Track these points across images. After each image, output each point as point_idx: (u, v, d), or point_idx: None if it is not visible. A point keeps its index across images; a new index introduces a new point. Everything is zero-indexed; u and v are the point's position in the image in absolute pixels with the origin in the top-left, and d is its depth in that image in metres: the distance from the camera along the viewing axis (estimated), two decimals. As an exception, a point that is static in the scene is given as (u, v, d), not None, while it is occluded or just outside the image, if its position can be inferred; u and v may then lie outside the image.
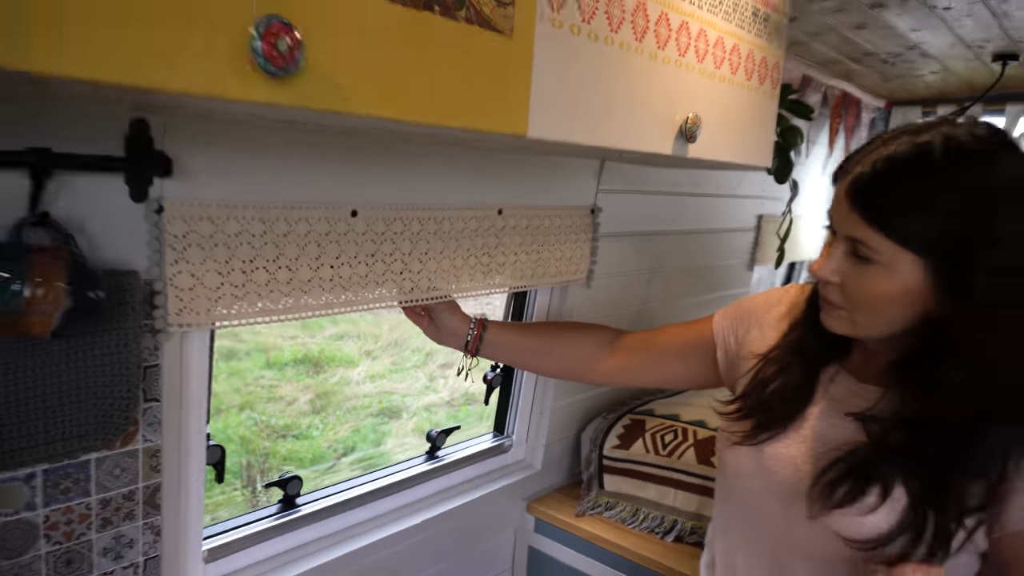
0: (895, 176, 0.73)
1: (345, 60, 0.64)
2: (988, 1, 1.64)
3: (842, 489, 0.80)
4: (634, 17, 0.99)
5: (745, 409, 0.96)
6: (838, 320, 0.85)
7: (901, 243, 0.74)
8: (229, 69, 0.57)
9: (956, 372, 0.75)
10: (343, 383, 6.11)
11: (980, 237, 0.71)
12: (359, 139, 1.15)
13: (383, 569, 1.52)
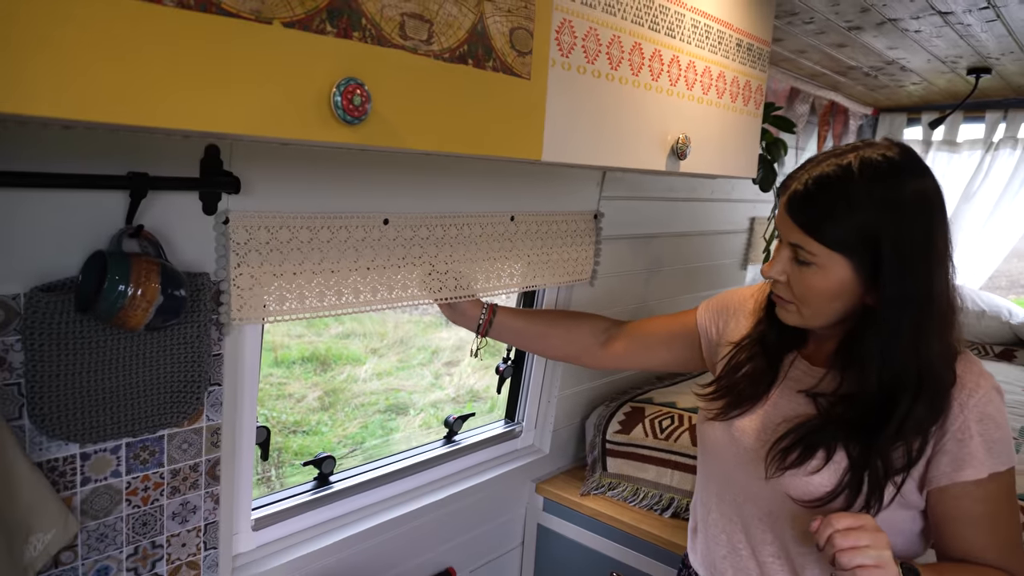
0: (822, 192, 0.89)
1: (400, 107, 0.81)
2: (953, 24, 1.80)
3: (793, 454, 0.95)
4: (631, 56, 1.15)
5: (720, 391, 1.10)
6: (789, 313, 0.99)
7: (831, 247, 0.89)
8: (315, 119, 0.73)
9: (873, 348, 0.91)
10: (350, 380, 6.26)
11: (888, 237, 0.87)
12: (391, 157, 1.32)
13: (406, 540, 1.69)
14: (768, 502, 1.02)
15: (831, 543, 0.83)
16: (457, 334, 7.80)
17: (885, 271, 0.88)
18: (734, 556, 1.09)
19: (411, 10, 0.81)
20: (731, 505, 1.09)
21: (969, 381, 0.93)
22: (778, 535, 1.03)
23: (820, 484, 0.94)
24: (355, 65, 0.76)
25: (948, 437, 0.92)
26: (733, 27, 1.41)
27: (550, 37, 1.00)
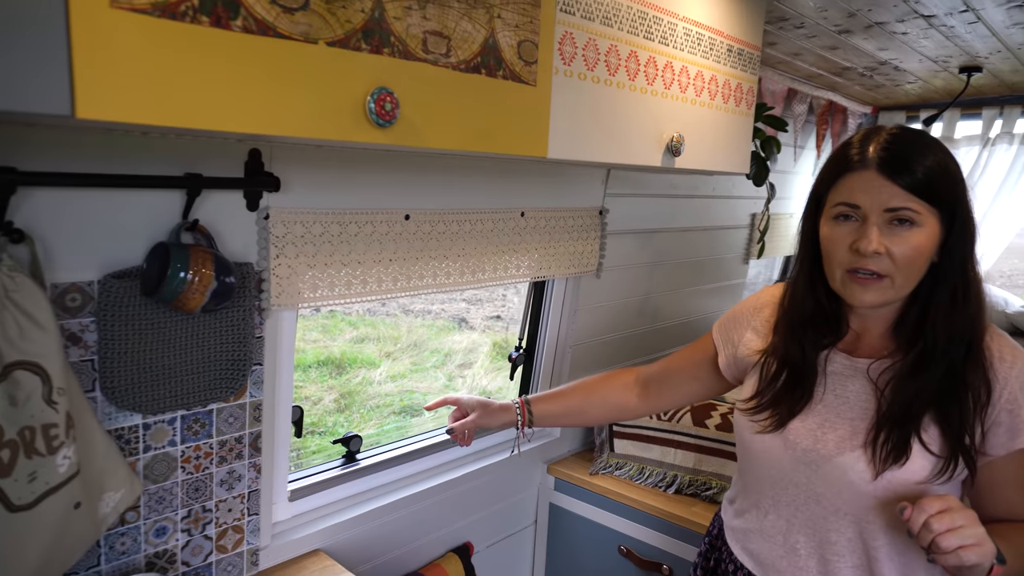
0: (921, 154, 0.93)
1: (424, 112, 0.94)
2: (938, 27, 1.91)
3: (887, 450, 0.97)
4: (627, 63, 1.28)
5: (764, 404, 1.10)
6: (878, 291, 0.97)
7: (932, 203, 0.93)
8: (352, 123, 0.87)
9: (938, 317, 0.96)
10: (365, 383, 6.40)
11: (962, 199, 0.95)
12: (412, 158, 1.45)
13: (427, 515, 1.81)
14: (837, 499, 1.03)
15: (928, 528, 0.84)
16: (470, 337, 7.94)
17: (957, 228, 0.95)
18: (792, 556, 1.08)
19: (432, 28, 0.94)
20: (789, 507, 1.09)
21: (1008, 353, 0.98)
22: (853, 526, 1.03)
23: (916, 472, 0.96)
24: (386, 76, 0.89)
25: (1000, 409, 0.97)
26: (724, 34, 1.54)
27: (553, 48, 1.14)
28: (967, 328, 0.96)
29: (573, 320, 2.08)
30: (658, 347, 2.53)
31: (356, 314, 7.65)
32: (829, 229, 1.00)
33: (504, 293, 9.12)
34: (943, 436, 0.97)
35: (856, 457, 0.99)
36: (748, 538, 1.16)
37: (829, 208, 1.00)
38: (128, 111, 0.69)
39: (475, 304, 8.89)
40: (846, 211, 0.97)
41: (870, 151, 0.95)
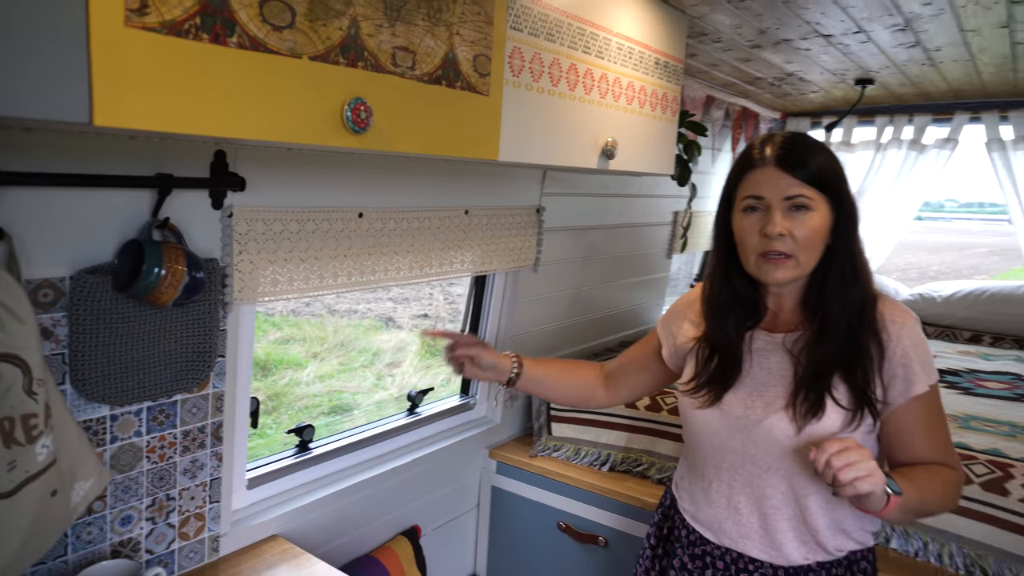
0: (807, 151, 1.10)
1: (393, 119, 1.04)
2: (835, 44, 2.14)
3: (807, 407, 1.11)
4: (568, 75, 1.41)
5: (701, 384, 1.24)
6: (786, 269, 1.11)
7: (821, 189, 1.09)
8: (331, 129, 0.96)
9: (835, 289, 1.12)
10: (293, 384, 6.33)
11: (843, 185, 1.12)
12: (365, 159, 1.54)
13: (376, 500, 1.90)
14: (768, 457, 1.17)
15: (829, 466, 0.98)
16: (398, 336, 7.96)
17: (843, 213, 1.11)
18: (736, 516, 1.21)
19: (400, 44, 1.04)
20: (729, 471, 1.22)
21: (897, 316, 1.14)
22: (784, 480, 1.16)
23: (831, 425, 1.11)
24: (361, 87, 0.98)
25: (895, 364, 1.11)
26: (651, 48, 1.69)
27: (504, 61, 1.25)
28: (856, 298, 1.13)
29: (512, 312, 2.20)
30: (589, 337, 2.69)
31: (280, 314, 7.53)
32: (740, 221, 1.14)
33: (430, 291, 9.17)
34: (850, 391, 1.12)
35: (780, 417, 1.14)
36: (698, 509, 1.29)
37: (738, 203, 1.15)
38: (138, 119, 0.76)
39: (402, 303, 8.90)
40: (753, 203, 1.12)
41: (768, 152, 1.11)
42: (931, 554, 1.61)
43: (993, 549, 1.55)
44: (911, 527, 1.63)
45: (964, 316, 3.23)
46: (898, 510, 1.03)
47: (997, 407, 2.10)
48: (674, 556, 1.32)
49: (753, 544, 1.20)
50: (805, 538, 1.18)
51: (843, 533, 1.19)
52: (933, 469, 1.14)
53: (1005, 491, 1.56)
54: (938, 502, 1.14)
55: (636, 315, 3.02)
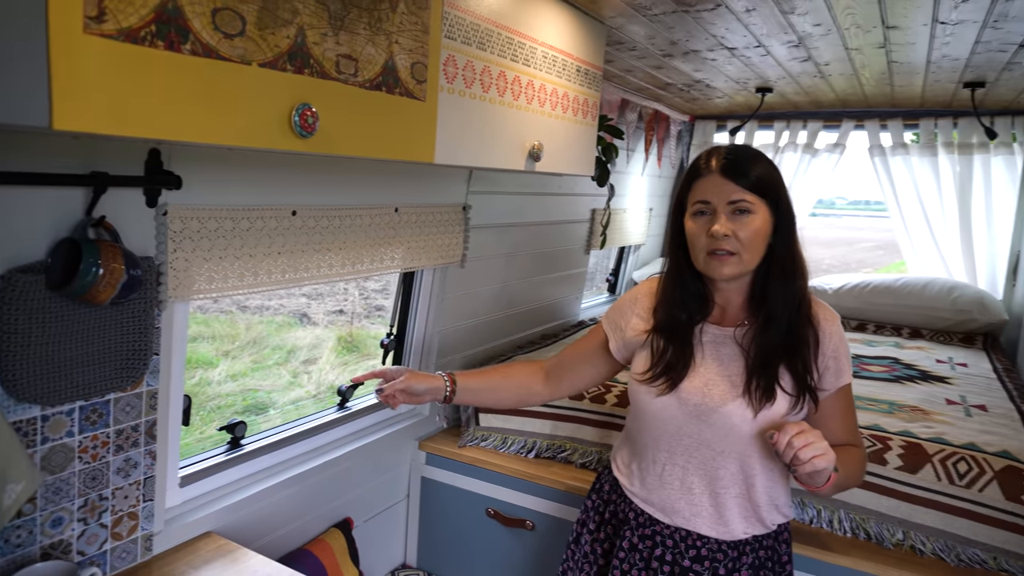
0: (748, 160, 1.22)
1: (338, 124, 1.09)
2: (738, 56, 2.31)
3: (759, 394, 1.23)
4: (498, 81, 1.49)
5: (658, 373, 1.31)
6: (731, 265, 1.21)
7: (760, 195, 1.20)
8: (279, 133, 1.00)
9: (777, 285, 1.23)
10: (203, 384, 6.12)
11: (781, 191, 1.24)
12: (299, 158, 1.56)
13: (309, 494, 1.92)
14: (724, 442, 1.27)
15: (790, 445, 1.10)
16: (313, 332, 7.82)
17: (782, 215, 1.23)
18: (689, 496, 1.31)
19: (343, 52, 1.09)
20: (683, 455, 1.31)
21: (828, 315, 1.28)
22: (736, 462, 1.27)
23: (780, 409, 1.24)
24: (307, 93, 1.03)
25: (829, 357, 1.26)
26: (573, 56, 1.79)
27: (439, 68, 1.32)
28: (795, 294, 1.26)
29: (441, 307, 2.27)
30: (513, 330, 2.79)
31: (187, 311, 7.24)
32: (691, 224, 1.26)
33: (345, 287, 9.03)
34: (793, 380, 1.25)
35: (738, 404, 1.24)
36: (649, 492, 1.36)
37: (689, 208, 1.26)
38: (96, 123, 0.78)
39: (316, 299, 8.73)
40: (701, 207, 1.24)
41: (713, 162, 1.24)
42: (823, 520, 1.80)
43: (874, 513, 1.75)
44: (806, 497, 1.81)
45: (851, 306, 3.53)
46: (832, 486, 1.17)
47: (878, 388, 2.34)
48: (621, 538, 1.40)
49: (704, 522, 1.31)
50: (748, 514, 1.30)
51: (776, 508, 1.33)
52: (848, 449, 1.28)
53: (884, 461, 1.76)
54: (854, 478, 1.30)
55: (557, 309, 3.14)
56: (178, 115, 0.87)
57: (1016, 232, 3.33)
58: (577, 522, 1.55)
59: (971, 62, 2.25)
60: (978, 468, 1.68)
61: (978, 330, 3.26)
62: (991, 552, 1.63)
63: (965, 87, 2.67)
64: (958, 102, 3.10)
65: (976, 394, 2.29)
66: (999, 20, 1.76)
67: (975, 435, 1.84)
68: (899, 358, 2.80)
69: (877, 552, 1.70)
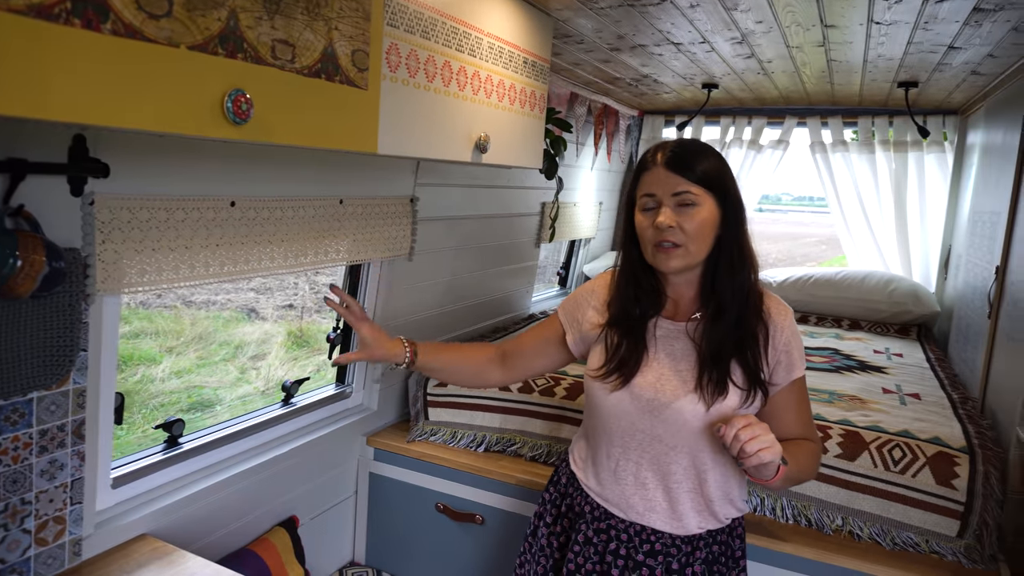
0: (693, 153, 1.22)
1: (275, 111, 1.05)
2: (684, 52, 2.34)
3: (711, 388, 1.23)
4: (443, 71, 1.47)
5: (612, 369, 1.31)
6: (677, 258, 1.22)
7: (706, 187, 1.20)
8: (210, 120, 0.96)
9: (725, 278, 1.24)
10: (146, 381, 5.94)
11: (729, 184, 1.24)
12: (238, 147, 1.51)
13: (252, 492, 1.87)
14: (676, 437, 1.27)
15: (737, 439, 1.10)
16: (262, 327, 7.66)
17: (729, 207, 1.23)
18: (643, 491, 1.31)
19: (280, 37, 1.05)
20: (637, 450, 1.31)
21: (781, 308, 1.29)
22: (688, 456, 1.28)
23: (732, 404, 1.24)
24: (241, 78, 0.99)
25: (780, 351, 1.26)
26: (520, 48, 1.78)
27: (382, 57, 1.29)
28: (743, 286, 1.27)
29: (388, 301, 2.23)
30: (463, 323, 2.77)
31: (127, 307, 7.01)
32: (639, 217, 1.27)
33: (295, 281, 8.87)
34: (745, 373, 1.25)
35: (690, 399, 1.25)
36: (604, 488, 1.36)
37: (638, 201, 1.27)
38: (8, 104, 0.74)
39: (264, 293, 8.55)
40: (648, 201, 1.25)
41: (659, 156, 1.24)
42: (767, 509, 1.84)
43: (815, 500, 1.79)
44: (755, 488, 1.85)
45: (794, 299, 3.62)
46: (782, 479, 1.18)
47: (819, 378, 2.40)
48: (577, 531, 1.40)
49: (658, 517, 1.31)
50: (701, 508, 1.31)
51: (730, 502, 1.34)
52: (802, 443, 1.30)
53: (825, 449, 1.81)
54: (807, 472, 1.31)
55: (507, 302, 3.14)
56: (100, 99, 0.83)
57: (947, 227, 3.46)
58: (535, 515, 1.55)
59: (904, 62, 2.32)
60: (912, 454, 1.74)
61: (913, 321, 3.38)
62: (923, 535, 1.69)
63: (899, 87, 2.76)
64: (893, 101, 3.20)
65: (910, 383, 2.38)
66: (929, 22, 1.82)
67: (909, 423, 1.91)
68: (839, 349, 2.89)
69: (818, 538, 1.74)
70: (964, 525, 1.66)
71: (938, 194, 3.48)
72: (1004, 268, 2.13)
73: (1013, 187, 2.11)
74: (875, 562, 1.64)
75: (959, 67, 2.35)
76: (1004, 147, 2.33)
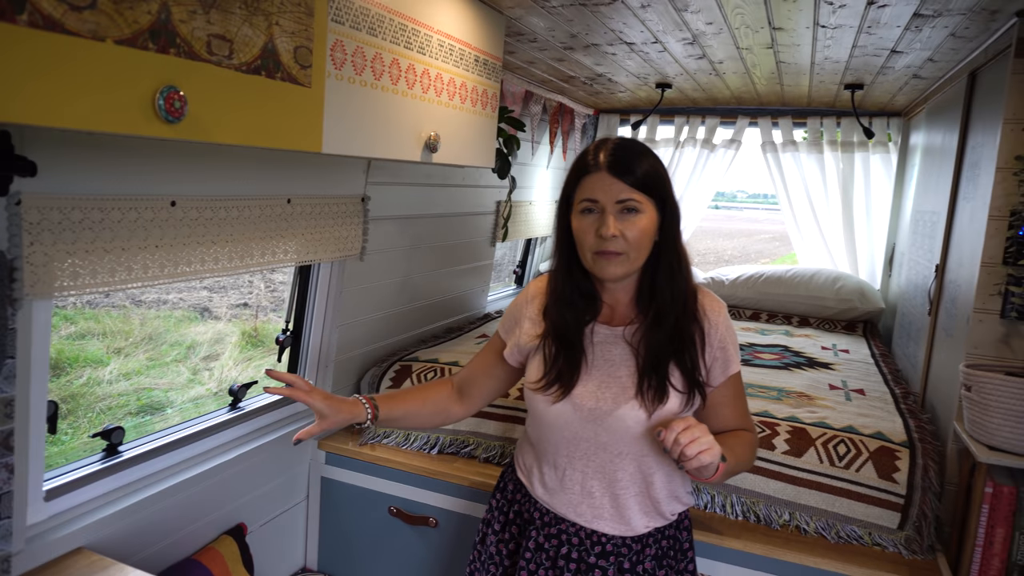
0: (636, 158, 1.20)
1: (211, 109, 1.01)
2: (638, 51, 2.35)
3: (651, 394, 1.23)
4: (390, 69, 1.44)
5: (551, 380, 1.29)
6: (619, 265, 1.20)
7: (648, 193, 1.19)
8: (141, 117, 0.92)
9: (664, 282, 1.24)
10: (92, 384, 5.76)
11: (667, 189, 1.23)
12: (178, 144, 1.46)
13: (197, 500, 1.82)
14: (620, 444, 1.27)
15: (677, 442, 1.09)
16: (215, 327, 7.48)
17: (668, 213, 1.22)
18: (589, 499, 1.31)
19: (216, 32, 1.01)
20: (582, 460, 1.30)
21: (715, 305, 1.29)
22: (634, 462, 1.28)
23: (673, 408, 1.24)
24: (174, 75, 0.95)
25: (716, 348, 1.27)
26: (471, 46, 1.76)
27: (326, 54, 1.25)
28: (681, 290, 1.27)
29: (339, 302, 2.19)
30: (417, 324, 2.74)
31: (73, 307, 6.78)
32: (578, 222, 1.23)
33: (250, 280, 8.69)
34: (683, 377, 1.26)
35: (631, 406, 1.24)
36: (552, 496, 1.35)
37: (576, 205, 1.24)
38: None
39: (218, 292, 8.36)
40: (589, 205, 1.21)
41: (601, 158, 1.21)
42: (717, 505, 1.86)
43: (763, 496, 1.82)
44: (699, 484, 1.87)
45: (746, 296, 3.68)
46: (722, 474, 1.19)
47: (768, 375, 2.45)
48: (527, 538, 1.39)
49: (606, 523, 1.31)
50: (648, 509, 1.32)
51: (676, 499, 1.35)
52: (739, 434, 1.32)
53: (772, 446, 1.84)
54: (745, 463, 1.33)
55: (462, 302, 3.11)
56: (18, 95, 0.79)
57: (892, 226, 3.56)
58: (483, 522, 1.53)
59: (850, 65, 2.38)
60: (855, 449, 1.78)
61: (859, 318, 3.47)
62: (866, 528, 1.73)
63: (846, 88, 2.82)
64: (840, 102, 3.27)
65: (856, 379, 2.43)
66: (872, 26, 1.86)
67: (854, 418, 1.95)
68: (788, 346, 2.95)
69: (766, 533, 1.77)
70: (904, 517, 1.70)
71: (883, 193, 3.57)
72: (943, 267, 2.20)
73: (951, 188, 2.17)
74: (821, 556, 1.68)
75: (901, 70, 2.42)
76: (943, 149, 2.40)
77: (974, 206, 1.90)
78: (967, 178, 2.05)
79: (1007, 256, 1.67)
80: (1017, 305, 1.64)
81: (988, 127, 1.86)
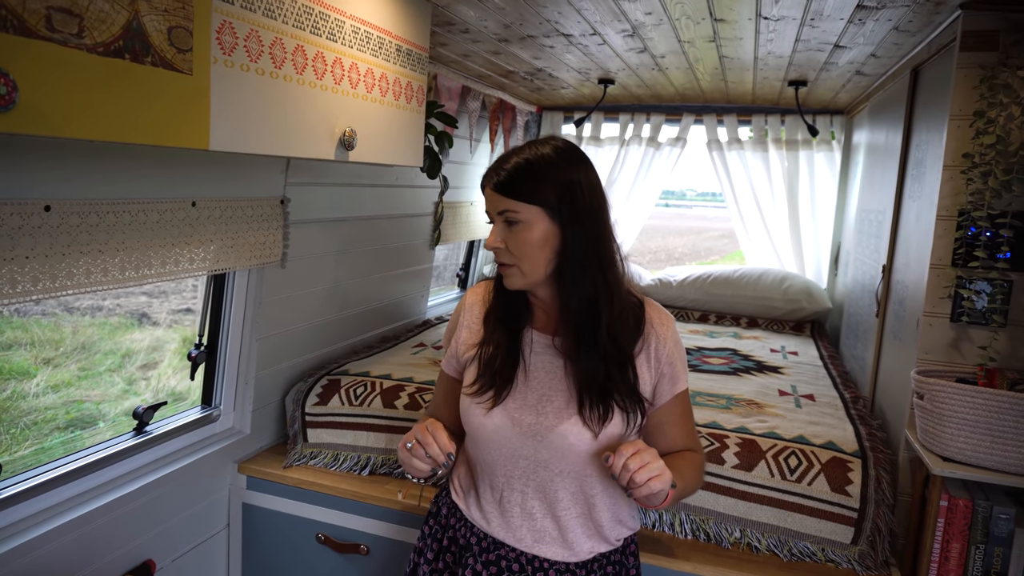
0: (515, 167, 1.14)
1: (54, 97, 0.85)
2: (576, 44, 2.24)
3: (596, 414, 1.16)
4: (294, 56, 1.29)
5: (485, 385, 1.23)
6: (514, 277, 1.17)
7: (528, 201, 1.12)
8: (-46, 106, 0.75)
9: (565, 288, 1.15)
10: (17, 397, 5.43)
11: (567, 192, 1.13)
12: (52, 142, 1.27)
13: (97, 537, 1.63)
14: (562, 462, 1.19)
15: (626, 468, 1.04)
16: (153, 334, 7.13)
17: (565, 220, 1.13)
18: (531, 521, 1.23)
19: (58, 4, 0.85)
20: (521, 479, 1.23)
21: (663, 318, 1.23)
22: (575, 482, 1.21)
23: (617, 427, 1.17)
24: (1, 55, 0.79)
25: (663, 364, 1.21)
26: (392, 34, 1.62)
27: (211, 37, 1.09)
28: (584, 297, 1.16)
29: (258, 312, 2.02)
30: (350, 333, 2.58)
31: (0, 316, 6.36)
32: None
33: (195, 284, 8.33)
34: (627, 393, 1.19)
35: (574, 423, 1.17)
36: (490, 521, 1.27)
37: None
38: None
39: (158, 297, 8.00)
40: (489, 219, 1.20)
41: (490, 173, 1.18)
42: (665, 524, 1.76)
43: (714, 513, 1.73)
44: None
45: (694, 298, 3.62)
46: (671, 501, 1.12)
47: (717, 381, 2.36)
48: (464, 566, 1.28)
49: (549, 547, 1.23)
50: (591, 533, 1.24)
51: (620, 523, 1.27)
52: (687, 456, 1.26)
53: (722, 460, 1.74)
54: (693, 485, 1.26)
55: (401, 307, 2.96)
56: None
57: (836, 225, 3.54)
58: (414, 551, 1.41)
59: (793, 60, 2.31)
60: (807, 462, 1.70)
61: (806, 318, 3.44)
62: (819, 544, 1.65)
63: (790, 85, 2.77)
64: (784, 100, 3.23)
65: (805, 383, 2.37)
66: (815, 18, 1.78)
67: (804, 427, 1.87)
68: (737, 349, 2.88)
69: (716, 553, 1.67)
70: (858, 532, 1.62)
71: (828, 192, 3.55)
72: (890, 267, 2.15)
73: (896, 187, 2.12)
74: (772, 575, 1.59)
75: (845, 66, 2.36)
76: (887, 147, 2.35)
77: (920, 205, 1.84)
78: (912, 176, 1.99)
79: (956, 258, 1.61)
80: (968, 308, 1.57)
81: (933, 124, 1.80)
